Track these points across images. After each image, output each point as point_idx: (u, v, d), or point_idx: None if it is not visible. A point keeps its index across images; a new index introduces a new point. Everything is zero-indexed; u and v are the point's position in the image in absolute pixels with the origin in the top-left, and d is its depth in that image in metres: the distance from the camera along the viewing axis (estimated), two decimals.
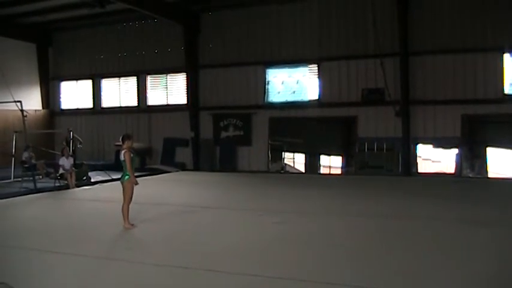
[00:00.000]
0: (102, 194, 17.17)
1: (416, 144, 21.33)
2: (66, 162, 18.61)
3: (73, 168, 18.84)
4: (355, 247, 9.37)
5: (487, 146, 20.34)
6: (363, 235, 10.38)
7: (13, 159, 20.14)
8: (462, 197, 15.55)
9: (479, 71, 20.38)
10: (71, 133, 21.42)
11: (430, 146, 21.24)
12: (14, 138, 20.38)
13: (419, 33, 21.04)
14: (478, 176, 20.18)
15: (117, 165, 15.44)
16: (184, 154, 25.58)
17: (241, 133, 24.65)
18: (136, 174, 11.52)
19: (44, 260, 8.79)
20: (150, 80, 27.02)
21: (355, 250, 9.16)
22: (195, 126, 25.16)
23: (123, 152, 11.18)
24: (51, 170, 20.49)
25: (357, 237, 10.16)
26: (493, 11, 20.05)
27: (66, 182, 18.55)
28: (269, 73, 24.13)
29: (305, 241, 9.88)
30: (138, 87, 27.18)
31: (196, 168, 24.96)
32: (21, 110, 19.05)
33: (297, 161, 23.68)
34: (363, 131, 22.23)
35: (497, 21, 19.97)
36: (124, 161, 11.10)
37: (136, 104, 27.26)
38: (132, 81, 27.48)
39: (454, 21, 20.66)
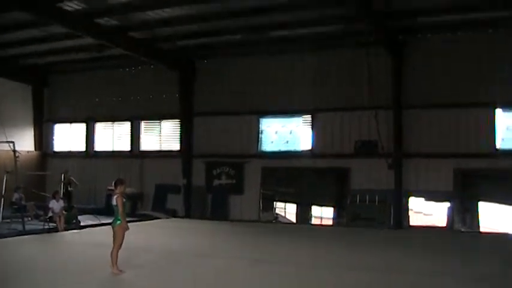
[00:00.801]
0: (90, 238, 17.00)
1: (409, 197, 21.30)
2: (56, 205, 18.45)
3: (63, 212, 18.68)
4: None
5: (479, 200, 20.31)
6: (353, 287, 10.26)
7: (3, 199, 20.00)
8: (453, 251, 15.44)
9: (472, 125, 20.52)
10: (63, 175, 21.37)
11: (422, 199, 21.21)
12: (5, 178, 20.28)
13: (413, 87, 21.24)
14: (470, 230, 20.10)
15: (107, 210, 15.33)
16: (175, 201, 25.41)
17: (234, 181, 24.57)
18: (127, 219, 11.40)
19: None
20: (143, 125, 27.09)
21: None
22: (187, 173, 25.10)
23: (115, 196, 11.10)
24: (41, 212, 20.33)
25: None
26: (486, 66, 20.32)
27: (55, 224, 18.38)
28: (263, 122, 24.24)
29: None
30: (131, 132, 27.21)
31: (188, 215, 24.76)
32: (14, 151, 19.06)
33: (288, 211, 23.57)
34: (355, 183, 22.19)
35: (489, 77, 20.20)
36: (116, 205, 11.02)
37: (129, 149, 27.25)
38: (125, 126, 27.52)
39: (448, 76, 20.88)
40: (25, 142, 27.18)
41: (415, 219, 21.21)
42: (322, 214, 22.91)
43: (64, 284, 9.97)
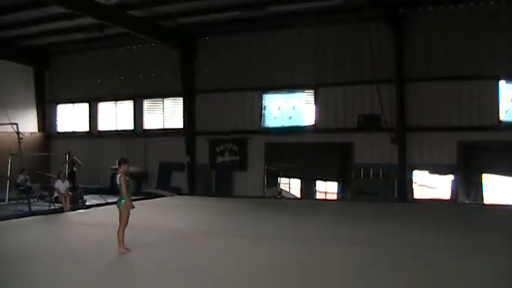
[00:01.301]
0: (96, 218, 17.09)
1: (412, 170, 21.34)
2: (61, 185, 18.50)
3: (68, 192, 18.75)
4: (351, 275, 9.32)
5: (483, 173, 20.38)
6: (358, 262, 10.30)
7: (8, 181, 20.09)
8: (457, 224, 15.44)
9: (475, 98, 20.48)
10: (67, 156, 21.43)
11: (426, 172, 21.26)
12: (10, 160, 20.35)
13: (415, 60, 21.17)
14: (474, 203, 20.17)
15: (112, 189, 15.37)
16: (180, 178, 25.52)
17: (237, 158, 24.62)
18: (131, 198, 11.45)
19: (35, 285, 8.69)
20: (146, 104, 27.09)
21: (350, 277, 9.11)
22: (191, 150, 25.16)
23: (118, 176, 11.14)
24: (46, 193, 20.40)
25: (351, 265, 10.09)
26: (488, 38, 20.20)
27: (61, 205, 18.47)
28: (265, 98, 24.20)
29: (301, 269, 9.80)
30: (134, 111, 27.22)
31: (192, 192, 24.90)
32: (17, 133, 19.11)
33: (292, 186, 23.65)
34: (359, 157, 22.23)
35: (492, 49, 20.11)
36: (120, 185, 11.07)
37: (132, 128, 27.28)
38: (128, 105, 27.52)
39: (450, 48, 20.80)
40: (28, 124, 27.24)
41: (419, 193, 21.30)
42: (327, 189, 23.00)
43: (72, 264, 10.04)
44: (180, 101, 25.78)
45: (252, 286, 8.50)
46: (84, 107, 28.76)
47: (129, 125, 27.43)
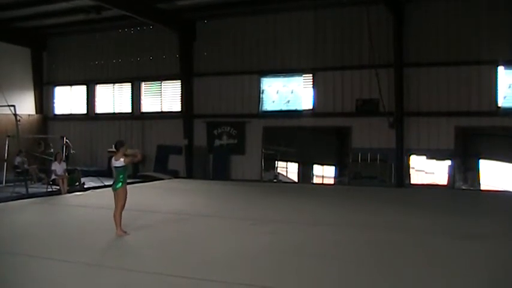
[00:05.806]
0: (94, 200, 17.09)
1: (410, 155, 21.35)
2: (58, 167, 18.48)
3: (66, 174, 18.73)
4: (347, 258, 9.33)
5: (480, 158, 20.37)
6: (354, 246, 10.31)
7: (5, 163, 20.06)
8: (454, 209, 15.46)
9: (473, 83, 20.43)
10: (64, 139, 21.40)
11: (424, 158, 21.25)
12: (7, 142, 20.30)
13: (414, 45, 21.09)
14: (471, 188, 20.19)
15: (109, 172, 15.37)
16: (177, 162, 25.51)
17: (235, 142, 24.60)
18: (129, 181, 11.44)
19: (33, 267, 8.71)
20: (144, 86, 27.00)
21: (346, 261, 9.12)
22: (188, 134, 25.11)
23: (122, 159, 11.07)
24: (43, 176, 20.40)
25: (348, 249, 10.10)
26: (487, 24, 20.10)
27: (58, 187, 18.46)
28: (264, 82, 24.14)
29: (297, 251, 9.82)
30: (132, 94, 27.14)
31: (189, 176, 24.89)
32: (15, 115, 19.00)
33: (290, 170, 23.65)
34: (356, 142, 22.22)
35: (491, 35, 20.02)
36: (116, 167, 11.07)
37: (130, 111, 27.21)
38: (126, 88, 27.43)
39: (449, 34, 20.73)
40: (25, 106, 27.15)
41: (416, 178, 21.31)
42: (324, 173, 22.97)
43: (69, 246, 10.06)
44: (178, 84, 25.69)
45: (247, 268, 8.52)
46: (81, 89, 28.64)
47: (127, 108, 27.36)
